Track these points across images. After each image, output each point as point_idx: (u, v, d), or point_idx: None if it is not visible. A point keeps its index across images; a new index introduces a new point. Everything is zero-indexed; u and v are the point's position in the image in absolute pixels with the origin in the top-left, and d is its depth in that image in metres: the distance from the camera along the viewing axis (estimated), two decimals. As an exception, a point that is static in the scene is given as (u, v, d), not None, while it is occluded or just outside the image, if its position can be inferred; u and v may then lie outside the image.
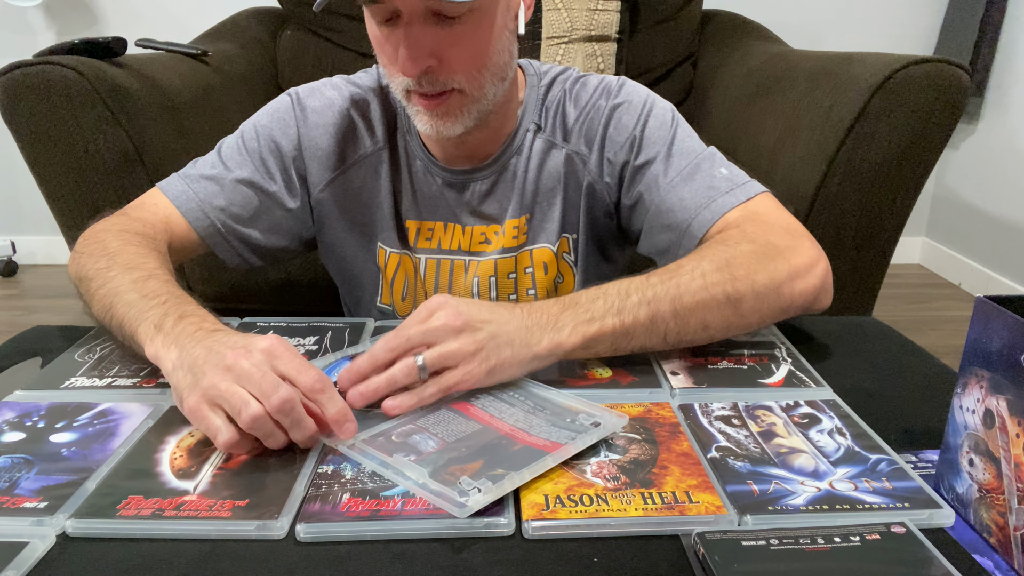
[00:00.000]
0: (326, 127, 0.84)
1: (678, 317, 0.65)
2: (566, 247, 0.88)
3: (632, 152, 0.82)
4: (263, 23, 2.02)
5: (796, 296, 0.69)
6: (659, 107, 0.83)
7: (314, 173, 0.85)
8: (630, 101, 0.83)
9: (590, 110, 0.84)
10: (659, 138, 0.81)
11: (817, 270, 0.70)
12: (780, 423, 0.59)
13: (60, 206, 1.26)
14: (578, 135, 0.84)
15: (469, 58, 0.72)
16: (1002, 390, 0.46)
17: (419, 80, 0.71)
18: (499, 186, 0.86)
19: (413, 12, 0.68)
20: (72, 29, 2.34)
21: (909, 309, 2.31)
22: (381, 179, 0.86)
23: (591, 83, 0.85)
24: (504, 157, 0.85)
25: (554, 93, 0.85)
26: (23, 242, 2.57)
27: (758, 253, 0.68)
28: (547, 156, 0.85)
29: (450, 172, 0.85)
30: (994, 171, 2.34)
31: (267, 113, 0.85)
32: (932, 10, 2.43)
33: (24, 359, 0.71)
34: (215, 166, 0.83)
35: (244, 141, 0.84)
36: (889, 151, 1.25)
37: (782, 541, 0.45)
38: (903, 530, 0.46)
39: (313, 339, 0.73)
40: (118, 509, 0.48)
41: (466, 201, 0.86)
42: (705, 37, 2.04)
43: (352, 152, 0.85)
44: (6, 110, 1.17)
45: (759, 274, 0.67)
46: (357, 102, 0.85)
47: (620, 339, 0.64)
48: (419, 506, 0.49)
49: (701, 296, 0.65)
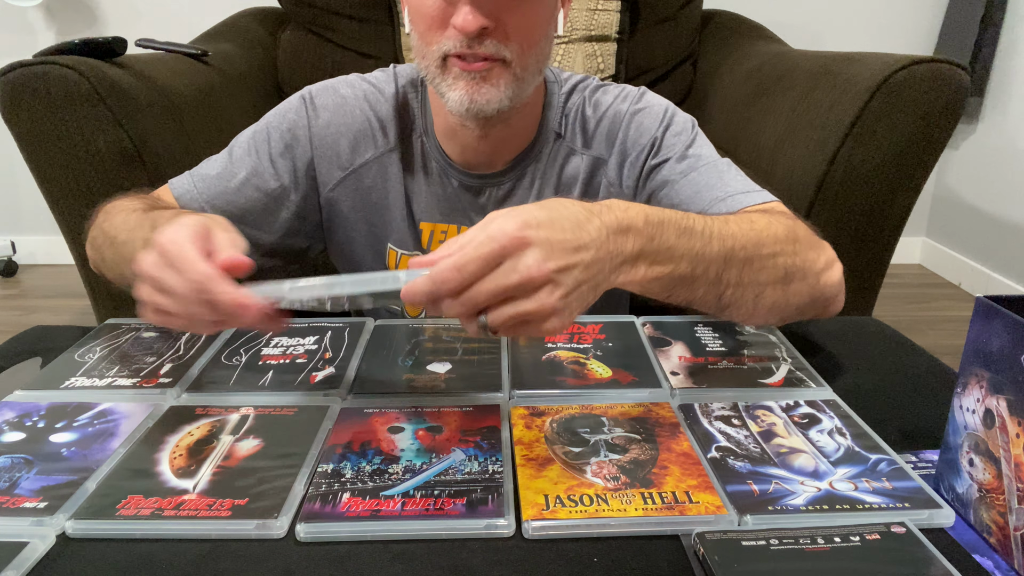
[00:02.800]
0: (337, 126, 0.83)
1: (742, 284, 0.60)
2: None
3: (651, 153, 0.81)
4: (263, 23, 2.02)
5: (826, 288, 0.67)
6: (680, 115, 0.84)
7: (324, 172, 0.84)
8: (651, 107, 0.83)
9: (612, 115, 0.83)
10: (678, 141, 0.81)
11: (838, 266, 0.69)
12: (780, 423, 0.59)
13: (60, 206, 1.25)
14: (599, 141, 0.84)
15: (525, 29, 0.70)
16: (1002, 390, 0.46)
17: (470, 42, 0.69)
18: (517, 192, 0.85)
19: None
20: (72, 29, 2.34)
21: (909, 309, 2.31)
22: (392, 181, 0.85)
23: (611, 90, 0.85)
24: (523, 163, 0.84)
25: (574, 100, 0.85)
26: (23, 242, 2.57)
27: (809, 234, 0.67)
28: (566, 163, 0.84)
29: (467, 175, 0.84)
30: (994, 171, 2.34)
31: (279, 112, 0.85)
32: (932, 10, 2.43)
33: (24, 359, 0.71)
34: (224, 165, 0.83)
35: (255, 140, 0.84)
36: (889, 151, 1.25)
37: (782, 541, 0.45)
38: (903, 530, 0.46)
39: (313, 339, 0.73)
40: (118, 509, 0.48)
41: (482, 205, 0.85)
42: (705, 37, 2.04)
43: (363, 151, 0.84)
44: (6, 110, 1.17)
45: (810, 253, 0.65)
46: (371, 101, 0.84)
47: (679, 286, 0.58)
48: (419, 506, 0.49)
49: (769, 262, 0.61)
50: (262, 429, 0.58)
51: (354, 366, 0.68)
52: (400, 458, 0.54)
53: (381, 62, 1.97)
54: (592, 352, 0.71)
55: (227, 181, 0.82)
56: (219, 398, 0.63)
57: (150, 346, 0.72)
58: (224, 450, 0.55)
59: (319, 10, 1.94)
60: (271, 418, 0.60)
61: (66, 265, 2.40)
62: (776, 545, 0.45)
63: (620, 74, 1.91)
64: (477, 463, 0.54)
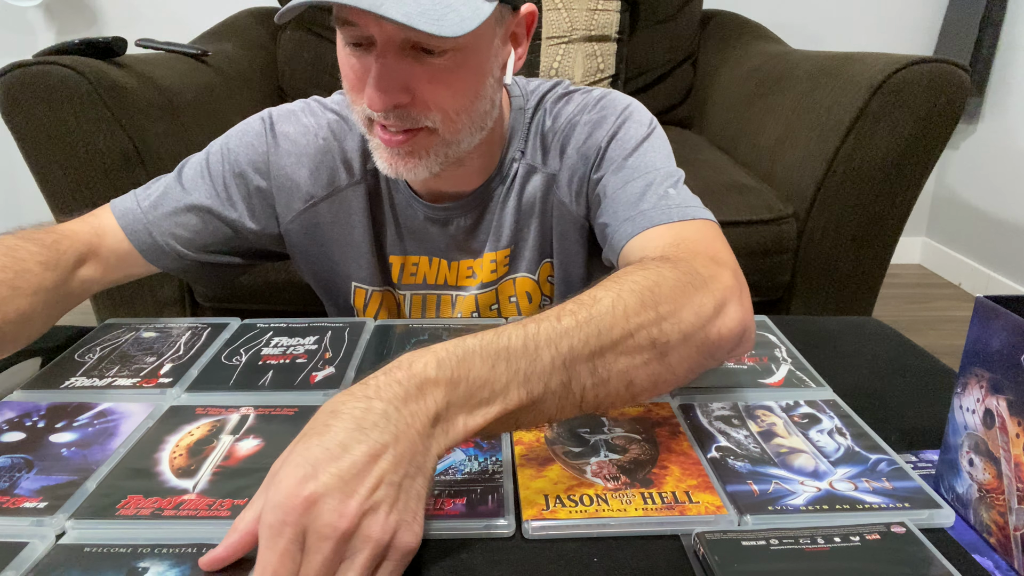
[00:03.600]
0: (299, 156, 0.79)
1: (601, 381, 0.49)
2: (549, 270, 0.83)
3: (593, 164, 0.76)
4: (263, 23, 2.02)
5: (722, 340, 0.55)
6: (634, 120, 0.76)
7: (282, 203, 0.80)
8: (604, 116, 0.76)
9: (567, 128, 0.78)
10: (620, 149, 0.75)
11: (735, 303, 0.57)
12: (780, 423, 0.59)
13: (60, 206, 1.26)
14: (554, 155, 0.79)
15: (447, 97, 0.65)
16: (1002, 390, 0.46)
17: (387, 114, 0.64)
18: (484, 218, 0.81)
19: (388, 42, 0.61)
20: (72, 29, 2.34)
21: (909, 309, 2.31)
22: (355, 215, 0.81)
23: (575, 99, 0.79)
24: (488, 189, 0.80)
25: (538, 116, 0.80)
26: (23, 242, 2.57)
27: (683, 283, 0.54)
28: (527, 182, 0.80)
29: (431, 207, 0.80)
30: (994, 171, 2.34)
31: (236, 136, 0.80)
32: (932, 10, 2.43)
33: (24, 359, 0.71)
34: (172, 188, 0.79)
35: (209, 164, 0.79)
36: (889, 151, 1.25)
37: (782, 541, 0.45)
38: (903, 530, 0.46)
39: (313, 339, 0.73)
40: (118, 509, 0.48)
41: (451, 235, 0.82)
42: (705, 37, 2.04)
43: (325, 185, 0.80)
44: (6, 110, 1.17)
45: (684, 311, 0.53)
46: (335, 131, 0.80)
47: (525, 415, 0.48)
48: (419, 506, 0.49)
49: (624, 345, 0.50)
50: (262, 429, 0.58)
51: (354, 366, 0.68)
52: (400, 458, 0.54)
53: (381, 62, 1.98)
54: (592, 352, 0.71)
55: (172, 205, 0.77)
56: (219, 398, 0.63)
57: (150, 346, 0.72)
58: (224, 450, 0.55)
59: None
60: (271, 418, 0.60)
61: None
62: (776, 545, 0.45)
63: (620, 74, 1.91)
64: (477, 463, 0.54)
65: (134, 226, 0.77)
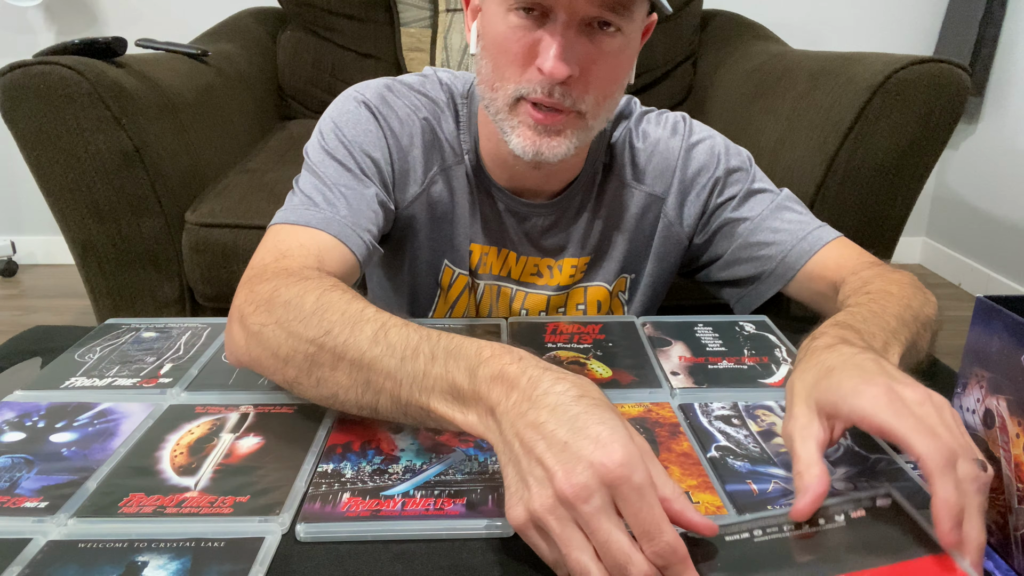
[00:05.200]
0: (411, 137, 0.78)
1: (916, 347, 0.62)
2: (622, 286, 0.87)
3: (713, 191, 0.83)
4: (263, 23, 2.02)
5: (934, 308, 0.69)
6: (734, 147, 0.85)
7: (402, 188, 0.80)
8: (703, 140, 0.83)
9: (664, 150, 0.83)
10: (741, 176, 0.83)
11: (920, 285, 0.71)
12: (780, 423, 0.59)
13: (60, 206, 1.26)
14: (652, 176, 0.84)
15: (606, 80, 0.68)
16: (1002, 390, 0.46)
17: (552, 89, 0.65)
18: (562, 222, 0.83)
19: (574, 15, 0.63)
20: (72, 29, 2.34)
21: (909, 309, 2.31)
22: (458, 193, 0.82)
23: (654, 118, 0.85)
24: (570, 194, 0.82)
25: (620, 131, 0.84)
26: (23, 242, 2.57)
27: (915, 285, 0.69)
28: (617, 196, 0.84)
29: (514, 200, 0.81)
30: (994, 171, 2.34)
31: (349, 126, 0.76)
32: (932, 10, 2.44)
33: (24, 359, 0.71)
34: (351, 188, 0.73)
35: (340, 159, 0.74)
36: (889, 151, 1.25)
37: (765, 531, 0.44)
38: (888, 502, 0.46)
39: (313, 339, 0.73)
40: (120, 507, 0.48)
41: (526, 231, 0.83)
42: (705, 37, 2.04)
43: (432, 165, 0.80)
44: (6, 110, 1.17)
45: (927, 307, 0.67)
46: (432, 113, 0.80)
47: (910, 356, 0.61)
48: (419, 506, 0.49)
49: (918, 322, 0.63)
50: (262, 427, 0.58)
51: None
52: (400, 458, 0.54)
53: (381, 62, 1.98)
54: (592, 352, 0.71)
55: (353, 201, 0.72)
56: (219, 397, 0.63)
57: (150, 346, 0.72)
58: (225, 448, 0.55)
59: (319, 10, 1.94)
60: (271, 416, 0.60)
61: (66, 265, 2.40)
62: (760, 537, 0.44)
63: (620, 74, 1.91)
64: (477, 463, 0.54)
65: (345, 232, 0.70)
